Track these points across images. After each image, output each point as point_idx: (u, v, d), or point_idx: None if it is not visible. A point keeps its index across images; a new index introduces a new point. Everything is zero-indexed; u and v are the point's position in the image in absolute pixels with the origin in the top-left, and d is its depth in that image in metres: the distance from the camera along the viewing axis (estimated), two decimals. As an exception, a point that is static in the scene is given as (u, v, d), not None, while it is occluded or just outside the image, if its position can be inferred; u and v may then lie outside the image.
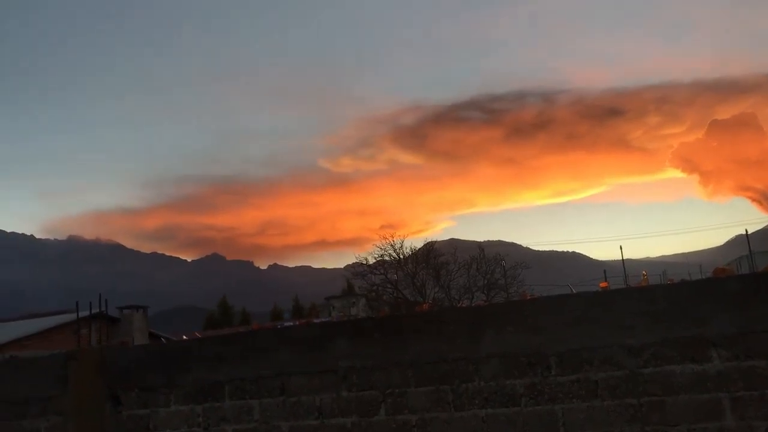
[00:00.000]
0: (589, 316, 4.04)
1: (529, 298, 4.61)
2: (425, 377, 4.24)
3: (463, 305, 28.76)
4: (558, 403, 4.00)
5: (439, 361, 4.22)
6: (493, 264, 39.22)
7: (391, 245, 39.79)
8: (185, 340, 5.19)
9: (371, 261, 40.45)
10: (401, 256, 39.52)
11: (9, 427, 5.27)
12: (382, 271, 39.78)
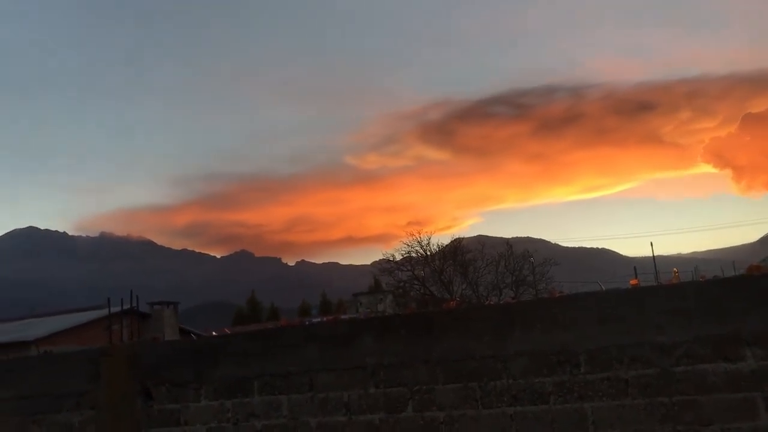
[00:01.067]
0: (619, 314, 4.00)
1: (557, 295, 4.58)
2: (453, 374, 4.24)
3: (491, 302, 28.64)
4: (587, 401, 3.97)
5: (467, 359, 4.22)
6: (522, 261, 38.91)
7: (418, 242, 39.72)
8: (214, 336, 5.26)
9: (398, 257, 40.45)
10: (428, 253, 39.43)
11: (45, 420, 5.38)
12: (409, 268, 39.72)
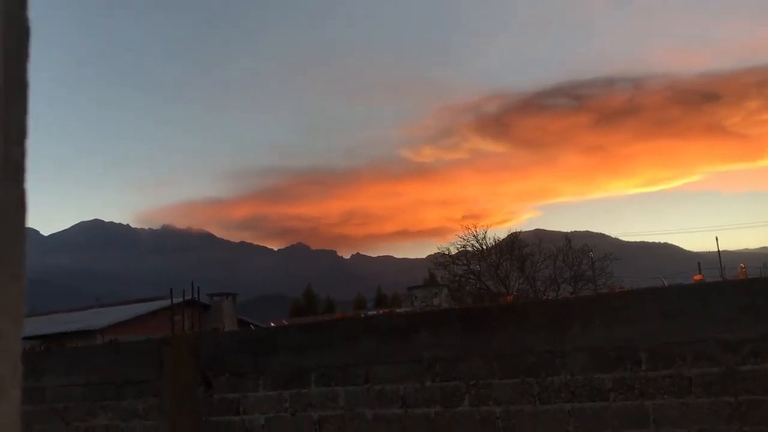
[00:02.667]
0: (683, 310, 3.89)
1: (618, 290, 4.48)
2: (510, 369, 4.20)
3: (549, 297, 28.25)
4: (648, 398, 3.88)
5: (524, 354, 4.18)
6: (580, 255, 38.21)
7: (474, 236, 39.44)
8: (273, 327, 5.34)
9: (453, 251, 40.24)
10: (484, 247, 39.11)
11: (111, 406, 5.57)
12: (464, 262, 39.48)
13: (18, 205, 0.95)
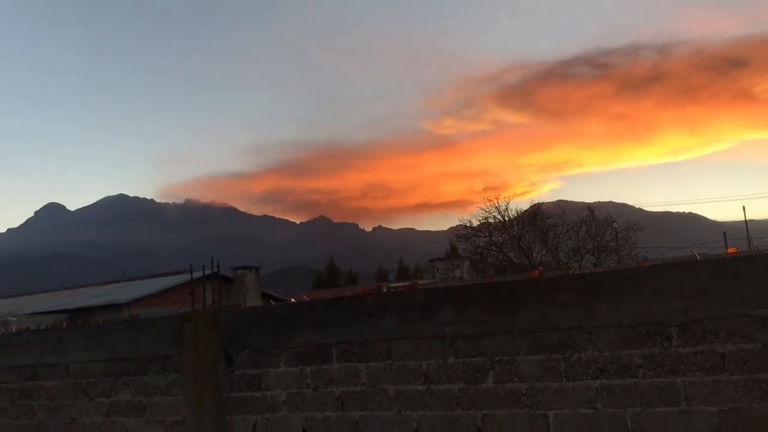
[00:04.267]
0: (716, 285, 3.75)
1: (646, 263, 4.34)
2: (535, 345, 4.10)
3: (572, 268, 28.04)
4: (679, 375, 3.76)
5: (550, 329, 4.07)
6: (604, 226, 37.86)
7: (496, 207, 39.21)
8: (293, 302, 5.28)
9: (475, 223, 40.08)
10: (506, 219, 38.89)
11: (133, 382, 5.57)
12: (486, 234, 39.33)
13: None
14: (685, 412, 3.73)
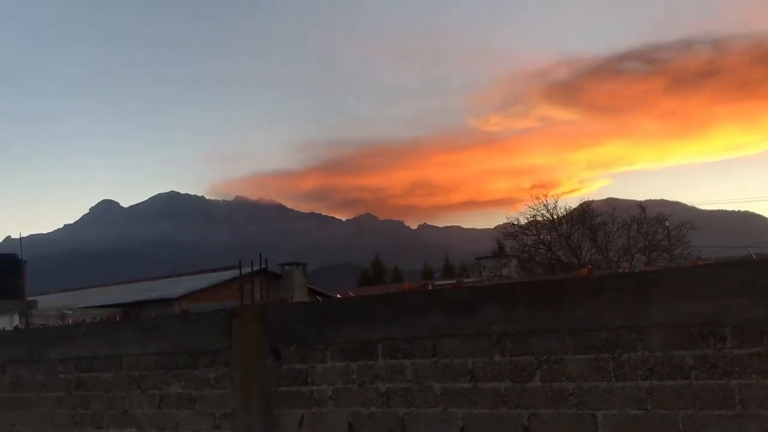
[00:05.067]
0: (773, 285, 3.63)
1: (699, 263, 4.23)
2: (584, 344, 4.04)
3: (622, 267, 27.53)
4: (734, 377, 3.65)
5: (599, 328, 4.00)
6: (655, 224, 37.04)
7: (544, 205, 38.70)
8: (340, 298, 5.31)
9: (523, 221, 39.65)
10: (555, 217, 38.37)
11: (184, 375, 5.69)
12: (534, 232, 38.88)
13: None
14: (740, 415, 3.62)
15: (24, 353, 6.76)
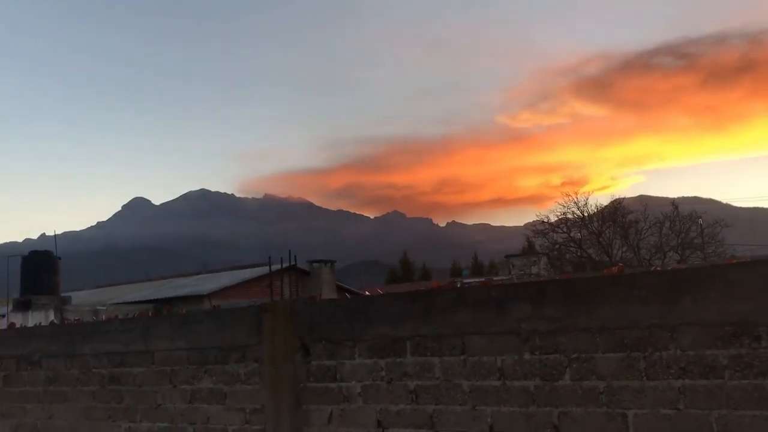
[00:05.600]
0: (810, 283, 3.56)
1: (734, 261, 4.16)
2: (615, 343, 4.00)
3: (654, 266, 27.15)
4: (770, 378, 3.59)
5: (630, 327, 3.95)
6: (688, 222, 36.46)
7: (575, 202, 38.32)
8: (368, 295, 5.33)
9: (553, 219, 39.31)
10: (585, 214, 37.97)
11: (214, 370, 5.76)
12: (564, 230, 38.53)
13: None
14: (775, 416, 3.56)
15: (59, 348, 6.89)
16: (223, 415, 5.64)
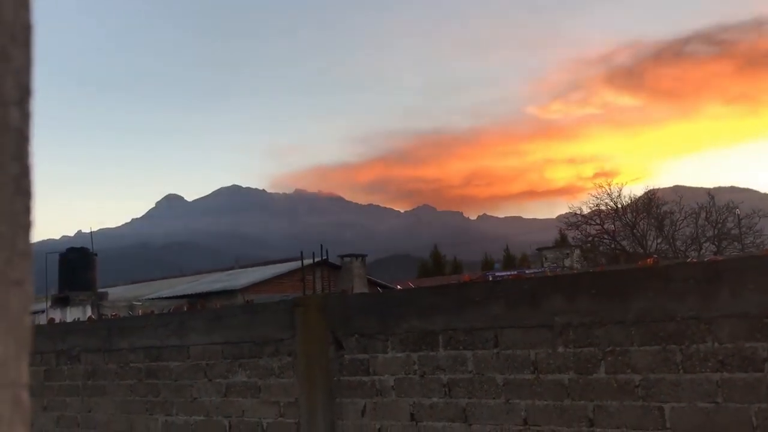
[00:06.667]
0: None
1: (773, 251, 4.08)
2: (650, 336, 3.95)
3: (690, 257, 26.72)
4: (811, 371, 3.52)
5: (665, 319, 3.90)
6: (725, 212, 35.73)
7: (608, 194, 37.82)
8: (400, 289, 5.33)
9: (586, 211, 38.85)
10: (619, 206, 37.46)
11: (248, 364, 5.82)
12: (598, 222, 38.06)
13: (14, 186, 0.64)
14: (817, 409, 3.49)
15: (97, 343, 7.03)
16: (257, 408, 5.70)
